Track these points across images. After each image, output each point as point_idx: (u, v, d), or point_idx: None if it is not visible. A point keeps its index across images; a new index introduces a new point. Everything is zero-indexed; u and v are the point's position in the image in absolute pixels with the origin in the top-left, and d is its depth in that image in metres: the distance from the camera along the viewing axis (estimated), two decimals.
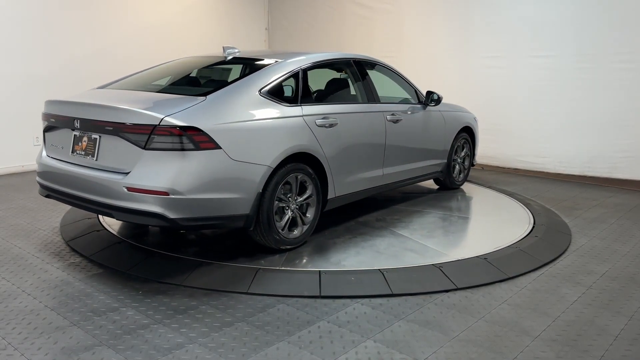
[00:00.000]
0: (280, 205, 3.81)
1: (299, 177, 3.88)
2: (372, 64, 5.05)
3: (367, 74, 4.81)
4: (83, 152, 3.62)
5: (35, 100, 6.63)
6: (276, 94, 3.88)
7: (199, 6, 9.05)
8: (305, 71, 4.17)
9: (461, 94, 7.35)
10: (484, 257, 3.84)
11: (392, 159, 4.84)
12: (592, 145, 6.68)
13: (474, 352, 2.63)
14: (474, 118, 6.24)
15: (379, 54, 8.57)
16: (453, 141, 5.78)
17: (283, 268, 3.60)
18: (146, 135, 3.25)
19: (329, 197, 4.17)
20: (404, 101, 5.24)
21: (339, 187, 4.26)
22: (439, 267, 3.63)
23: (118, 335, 2.73)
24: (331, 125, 4.11)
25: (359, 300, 3.21)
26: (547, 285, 3.49)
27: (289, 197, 3.87)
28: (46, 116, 3.93)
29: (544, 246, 4.19)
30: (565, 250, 4.19)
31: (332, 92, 4.88)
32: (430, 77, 7.88)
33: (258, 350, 2.61)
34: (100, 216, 4.67)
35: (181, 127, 3.23)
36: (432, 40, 8.04)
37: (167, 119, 3.23)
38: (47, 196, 3.89)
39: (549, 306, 3.18)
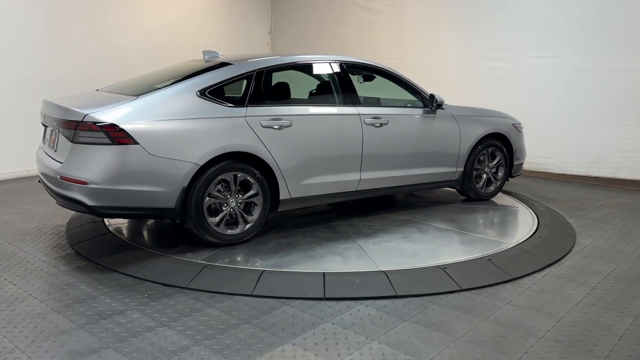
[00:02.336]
0: (216, 201, 3.94)
1: (238, 175, 3.97)
2: (362, 67, 4.93)
3: (347, 76, 4.66)
4: (52, 145, 4.08)
5: (40, 105, 6.67)
6: (219, 95, 4.01)
7: (202, 10, 9.09)
8: (260, 73, 4.22)
9: (463, 95, 7.34)
10: (488, 258, 3.85)
11: (373, 164, 4.65)
12: (596, 146, 6.67)
13: (478, 353, 2.63)
14: (514, 125, 5.66)
15: (381, 56, 8.60)
16: (473, 148, 5.28)
17: (287, 270, 3.61)
18: (73, 130, 3.63)
19: (281, 198, 4.21)
20: (402, 104, 5.04)
21: (295, 189, 4.27)
22: (443, 268, 3.63)
23: (124, 338, 2.75)
24: (282, 127, 4.13)
25: (363, 301, 3.21)
26: (552, 286, 3.49)
27: (227, 194, 3.97)
28: (40, 113, 4.34)
29: (548, 247, 4.19)
30: (570, 250, 4.19)
31: (294, 94, 4.88)
32: (432, 78, 7.89)
33: (263, 352, 2.62)
34: (105, 220, 4.71)
35: (99, 123, 3.54)
36: (435, 42, 8.05)
37: (90, 115, 3.57)
38: (39, 181, 4.26)
39: (553, 307, 3.18)
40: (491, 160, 5.54)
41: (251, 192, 4.07)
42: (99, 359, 2.55)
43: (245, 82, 4.18)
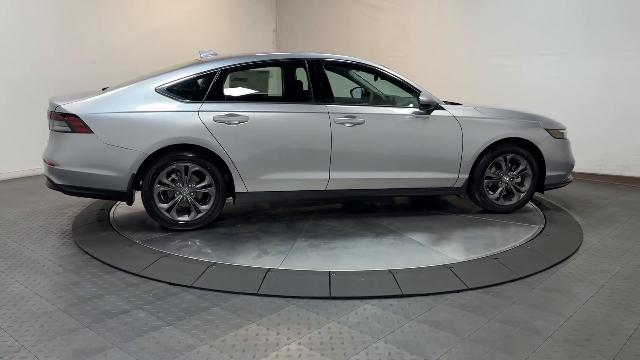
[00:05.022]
0: (168, 189, 4.29)
1: (189, 166, 4.26)
2: (343, 65, 4.84)
3: (322, 74, 4.56)
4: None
5: (46, 104, 6.69)
6: (177, 91, 4.31)
7: (208, 9, 9.09)
8: (224, 71, 4.42)
9: (470, 93, 7.32)
10: (495, 257, 3.82)
11: (346, 165, 4.50)
12: (604, 144, 6.63)
13: (485, 353, 2.62)
14: (549, 130, 4.97)
15: (386, 54, 8.59)
16: (481, 154, 4.77)
17: (293, 269, 3.60)
18: (49, 120, 4.26)
19: (237, 191, 4.39)
20: (390, 104, 4.85)
21: (253, 183, 4.39)
22: (449, 267, 3.61)
23: (129, 337, 2.74)
24: (237, 122, 4.27)
25: (369, 300, 3.20)
26: (559, 285, 3.46)
27: (180, 183, 4.29)
28: None
29: (555, 245, 4.16)
30: (577, 249, 4.16)
31: (262, 91, 4.96)
32: (438, 76, 7.87)
33: (269, 352, 2.62)
34: (110, 218, 4.74)
35: (62, 114, 4.11)
36: (440, 39, 8.01)
37: (59, 107, 4.14)
38: None
39: (561, 306, 3.15)
40: (512, 169, 4.94)
41: (204, 183, 4.34)
42: (104, 358, 2.55)
43: (207, 78, 4.40)
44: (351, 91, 5.29)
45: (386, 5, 8.59)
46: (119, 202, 5.30)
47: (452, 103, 4.90)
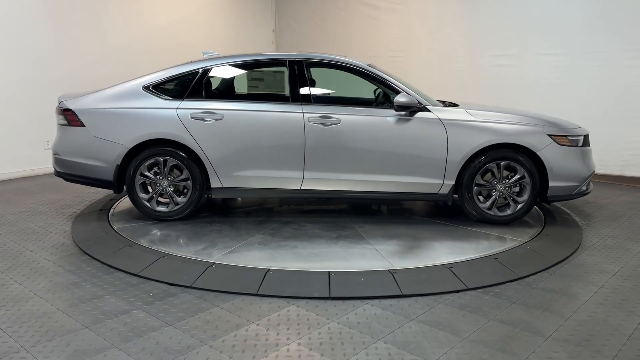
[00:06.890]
0: (148, 180, 4.60)
1: (168, 160, 4.53)
2: (327, 64, 4.71)
3: (302, 74, 4.58)
4: None
5: (46, 105, 6.69)
6: (161, 89, 4.62)
7: (207, 8, 9.09)
8: (206, 71, 4.66)
9: (471, 93, 7.32)
10: (495, 257, 3.82)
11: (320, 165, 4.48)
12: (604, 143, 6.63)
13: (485, 353, 2.61)
14: (552, 135, 4.46)
15: (387, 54, 8.59)
16: (469, 160, 4.46)
17: (293, 269, 3.60)
18: (56, 115, 4.73)
19: (212, 185, 4.60)
20: (383, 104, 4.70)
21: (227, 179, 4.57)
22: (449, 267, 3.61)
23: (129, 338, 2.74)
24: (212, 120, 4.48)
25: (369, 301, 3.20)
26: (559, 285, 3.46)
27: (159, 176, 4.58)
28: None
29: (555, 245, 4.16)
30: (577, 249, 4.16)
31: (240, 91, 5.11)
32: (438, 76, 7.87)
33: (268, 352, 2.61)
34: (110, 219, 4.75)
35: (62, 109, 4.62)
36: (441, 39, 8.02)
37: (62, 103, 4.64)
38: None
39: (560, 306, 3.15)
40: (506, 178, 4.54)
41: (182, 177, 4.59)
42: (104, 359, 2.54)
43: (189, 77, 4.64)
44: (374, 91, 5.20)
45: (386, 5, 8.59)
46: (118, 202, 5.33)
47: (450, 104, 4.81)
